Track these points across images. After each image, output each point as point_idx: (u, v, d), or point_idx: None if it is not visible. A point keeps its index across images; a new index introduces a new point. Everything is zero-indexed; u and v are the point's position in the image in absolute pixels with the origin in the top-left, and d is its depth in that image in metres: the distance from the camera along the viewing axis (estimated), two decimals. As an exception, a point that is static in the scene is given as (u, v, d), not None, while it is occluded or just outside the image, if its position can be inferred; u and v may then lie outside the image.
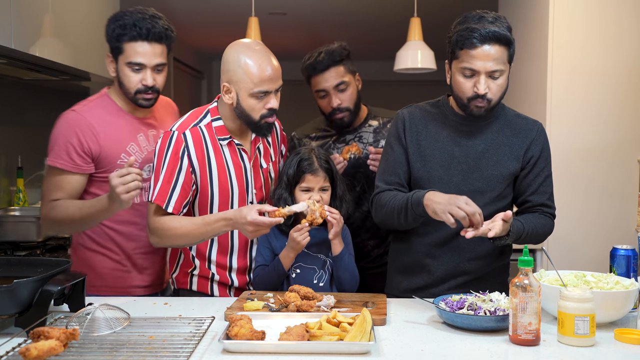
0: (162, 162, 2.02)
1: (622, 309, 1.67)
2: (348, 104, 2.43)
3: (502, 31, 1.88)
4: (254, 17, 4.14)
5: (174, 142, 2.02)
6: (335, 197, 2.13)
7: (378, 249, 2.54)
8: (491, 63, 1.87)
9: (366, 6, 5.29)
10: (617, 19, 3.18)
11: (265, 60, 1.99)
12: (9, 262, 1.85)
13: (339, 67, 2.42)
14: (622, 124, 3.20)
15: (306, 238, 1.99)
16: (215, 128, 2.06)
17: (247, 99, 1.99)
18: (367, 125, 2.54)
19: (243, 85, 1.98)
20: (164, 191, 2.00)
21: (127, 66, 2.08)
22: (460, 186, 1.98)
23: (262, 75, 1.97)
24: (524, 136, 2.03)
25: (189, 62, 7.27)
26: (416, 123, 2.06)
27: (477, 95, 1.90)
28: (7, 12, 2.59)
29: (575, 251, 3.19)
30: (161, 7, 2.32)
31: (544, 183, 2.04)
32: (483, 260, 2.03)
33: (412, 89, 7.12)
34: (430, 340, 1.58)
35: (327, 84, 2.42)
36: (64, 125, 2.09)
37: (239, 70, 1.98)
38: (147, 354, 1.40)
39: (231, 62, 2.01)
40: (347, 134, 2.53)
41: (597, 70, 3.20)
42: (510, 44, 1.90)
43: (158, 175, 2.02)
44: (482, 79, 1.89)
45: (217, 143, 2.06)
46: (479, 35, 1.86)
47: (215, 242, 2.11)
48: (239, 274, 2.12)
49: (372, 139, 2.51)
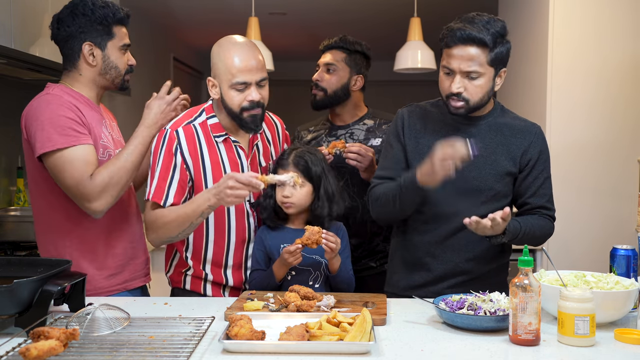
0: (157, 159, 2.04)
1: (622, 309, 1.67)
2: (326, 85, 2.55)
3: (477, 34, 1.88)
4: (254, 17, 4.14)
5: (167, 140, 2.03)
6: (319, 197, 2.09)
7: (361, 249, 2.55)
8: (465, 64, 1.90)
9: (366, 6, 5.29)
10: (616, 18, 3.18)
11: (246, 52, 2.00)
12: (9, 262, 1.84)
13: (339, 53, 2.56)
14: (622, 124, 3.20)
15: (298, 259, 1.99)
16: (210, 125, 2.07)
17: (228, 91, 2.01)
18: (361, 123, 2.59)
19: (224, 78, 2.00)
20: (160, 188, 2.01)
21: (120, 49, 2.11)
22: (457, 184, 1.99)
23: (240, 66, 1.98)
24: (522, 137, 2.04)
25: (189, 62, 7.27)
26: (415, 121, 2.08)
27: (452, 93, 1.94)
28: (7, 12, 2.59)
29: (575, 251, 3.19)
30: (161, 7, 2.32)
31: (543, 185, 2.05)
32: (483, 259, 2.04)
33: (412, 89, 7.12)
34: (430, 340, 1.58)
35: (322, 60, 2.59)
36: (50, 106, 1.97)
37: (220, 63, 2.01)
38: (147, 354, 1.40)
39: (214, 56, 2.04)
40: (339, 129, 2.59)
41: (598, 70, 3.20)
42: (487, 46, 1.89)
43: (154, 173, 2.03)
44: (456, 78, 1.92)
45: (211, 140, 2.07)
46: (455, 36, 1.90)
47: (211, 239, 2.09)
48: (235, 270, 2.12)
49: (363, 137, 2.55)
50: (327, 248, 1.98)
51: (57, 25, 2.10)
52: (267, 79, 2.05)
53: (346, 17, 5.64)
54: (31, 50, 2.77)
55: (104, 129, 2.12)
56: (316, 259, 2.10)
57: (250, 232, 2.13)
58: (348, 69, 2.54)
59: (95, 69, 2.10)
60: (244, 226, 2.11)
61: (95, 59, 2.09)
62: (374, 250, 2.54)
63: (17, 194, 3.41)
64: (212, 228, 2.09)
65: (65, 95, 2.05)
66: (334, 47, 2.57)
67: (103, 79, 2.12)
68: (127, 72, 2.16)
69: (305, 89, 2.62)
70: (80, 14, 2.06)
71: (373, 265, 2.54)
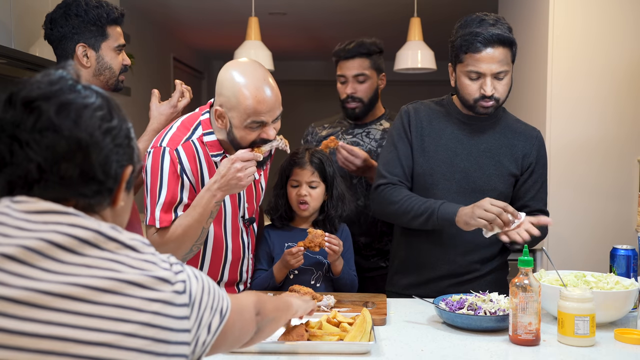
0: (159, 182, 1.85)
1: (622, 309, 1.67)
2: (362, 95, 2.52)
3: (504, 33, 1.91)
4: (254, 17, 4.14)
5: (169, 161, 1.85)
6: (332, 197, 2.13)
7: (370, 247, 2.55)
8: (496, 65, 1.91)
9: (366, 6, 5.29)
10: (617, 18, 3.18)
11: (263, 88, 1.79)
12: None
13: (365, 60, 2.53)
14: (622, 124, 3.20)
15: (300, 261, 1.99)
16: (207, 143, 1.91)
17: (240, 130, 1.82)
18: (378, 123, 2.59)
19: (237, 115, 1.80)
20: (167, 213, 1.86)
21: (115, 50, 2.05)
22: (461, 183, 2.01)
23: (258, 107, 1.78)
24: (524, 140, 2.06)
25: (189, 62, 7.27)
26: (421, 119, 2.08)
27: (484, 96, 1.93)
28: (7, 12, 2.59)
29: (575, 251, 3.19)
30: (161, 7, 2.32)
31: (541, 189, 2.08)
32: (484, 259, 2.05)
33: (412, 88, 7.12)
34: (430, 340, 1.58)
35: (348, 71, 2.52)
36: None
37: (233, 97, 1.79)
38: (147, 354, 1.40)
39: (225, 86, 1.82)
40: (356, 128, 2.58)
41: (598, 70, 3.20)
42: (512, 45, 1.93)
43: (155, 197, 1.86)
44: (488, 81, 1.92)
45: (209, 158, 1.92)
46: (483, 39, 1.89)
47: (207, 259, 2.02)
48: (228, 286, 2.07)
49: (380, 137, 2.55)
50: (330, 251, 1.98)
51: (50, 25, 2.06)
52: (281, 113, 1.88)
53: (346, 17, 5.64)
54: (31, 50, 2.77)
55: None
56: (319, 259, 2.10)
57: (244, 250, 2.07)
58: (375, 72, 2.55)
59: (89, 70, 2.05)
60: (239, 245, 2.05)
61: (89, 60, 2.04)
62: (383, 249, 2.54)
63: (17, 194, 3.40)
64: (210, 249, 2.00)
65: None
66: (354, 54, 2.51)
67: (97, 80, 2.07)
68: (122, 72, 2.12)
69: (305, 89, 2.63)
70: (73, 15, 2.02)
71: (383, 265, 2.53)
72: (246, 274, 2.10)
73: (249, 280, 2.12)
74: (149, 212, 1.88)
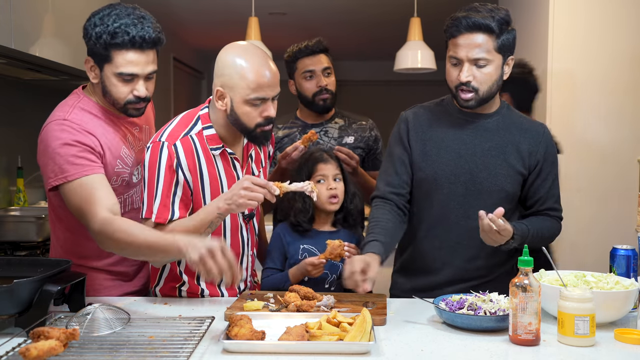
0: (156, 176, 1.87)
1: (622, 309, 1.67)
2: (332, 88, 2.61)
3: (483, 20, 1.87)
4: (254, 17, 4.14)
5: (166, 156, 1.87)
6: (348, 192, 2.16)
7: None
8: (473, 51, 1.88)
9: (366, 6, 5.29)
10: (617, 18, 3.18)
11: (264, 64, 1.86)
12: (9, 262, 1.84)
13: (327, 56, 2.63)
14: (622, 124, 3.20)
15: (320, 272, 2.01)
16: (206, 137, 1.93)
17: (242, 106, 1.86)
18: (333, 122, 2.66)
19: (238, 91, 1.85)
20: (165, 207, 1.88)
21: (117, 76, 1.86)
22: (468, 185, 1.97)
23: (260, 81, 1.84)
24: (531, 137, 2.01)
25: (189, 62, 7.27)
26: (421, 123, 2.05)
27: (461, 83, 1.91)
28: (7, 12, 2.59)
29: (575, 251, 3.19)
30: (161, 7, 2.31)
31: (552, 186, 2.03)
32: (490, 265, 2.02)
33: (412, 89, 7.12)
34: (430, 340, 1.58)
35: (316, 66, 2.58)
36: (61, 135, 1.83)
37: (235, 74, 1.84)
38: (147, 354, 1.40)
39: (226, 65, 1.87)
40: (313, 127, 2.62)
41: (598, 70, 3.20)
42: (494, 33, 1.88)
43: (153, 191, 1.87)
44: (465, 67, 1.90)
45: (209, 153, 1.93)
46: (461, 24, 1.89)
47: None
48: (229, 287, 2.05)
49: (337, 135, 2.62)
50: None
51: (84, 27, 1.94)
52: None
53: (346, 17, 5.64)
54: (31, 50, 2.77)
55: (122, 151, 1.97)
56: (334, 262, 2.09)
57: (244, 246, 2.06)
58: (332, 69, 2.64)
59: (97, 85, 1.93)
60: (238, 241, 2.04)
61: (96, 76, 1.91)
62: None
63: (17, 194, 3.41)
64: None
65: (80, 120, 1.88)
66: (319, 50, 2.60)
67: (105, 98, 1.94)
68: (131, 102, 1.91)
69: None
70: (87, 25, 1.89)
71: None
72: (246, 271, 2.09)
73: (248, 277, 2.12)
74: (146, 205, 1.90)
